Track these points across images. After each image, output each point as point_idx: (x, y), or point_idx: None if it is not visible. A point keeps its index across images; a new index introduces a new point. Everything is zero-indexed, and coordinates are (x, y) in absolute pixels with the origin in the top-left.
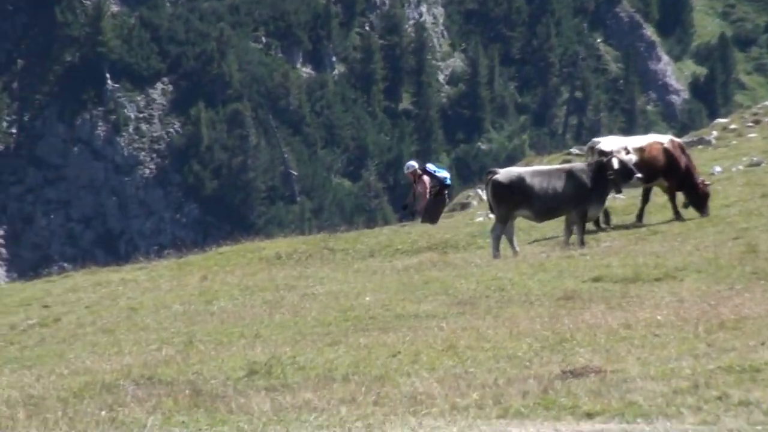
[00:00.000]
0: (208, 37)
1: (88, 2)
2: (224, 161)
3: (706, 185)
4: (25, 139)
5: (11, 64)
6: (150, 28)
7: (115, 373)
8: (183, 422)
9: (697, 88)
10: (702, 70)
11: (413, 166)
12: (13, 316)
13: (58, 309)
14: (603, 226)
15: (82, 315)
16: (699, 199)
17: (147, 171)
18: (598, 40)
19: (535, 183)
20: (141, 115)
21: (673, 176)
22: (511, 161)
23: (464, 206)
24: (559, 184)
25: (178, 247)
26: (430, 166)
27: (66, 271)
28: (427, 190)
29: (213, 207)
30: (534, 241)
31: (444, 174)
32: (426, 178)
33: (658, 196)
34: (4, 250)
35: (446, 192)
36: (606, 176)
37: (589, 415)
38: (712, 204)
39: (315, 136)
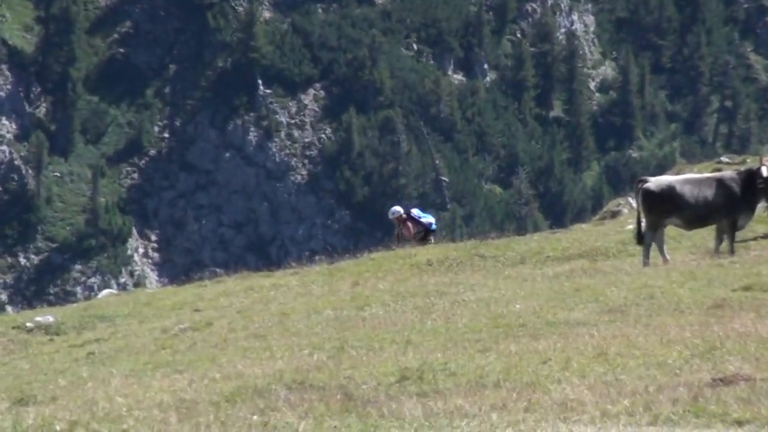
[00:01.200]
0: (360, 43)
1: (241, 8)
2: (375, 168)
3: None
4: (177, 144)
5: (163, 70)
6: (302, 34)
7: (267, 377)
8: (335, 427)
9: None
10: None
11: (398, 212)
12: (166, 320)
13: (209, 313)
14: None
15: (234, 319)
16: None
17: (299, 177)
18: (749, 49)
19: (686, 191)
20: (293, 121)
21: None
22: (661, 169)
23: (614, 214)
24: (709, 193)
25: (329, 253)
26: (414, 212)
27: (218, 275)
28: (411, 235)
29: (364, 213)
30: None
31: (429, 220)
32: (410, 223)
33: None
34: (156, 255)
35: (431, 237)
36: (756, 185)
37: (739, 423)
38: None
39: (466, 143)
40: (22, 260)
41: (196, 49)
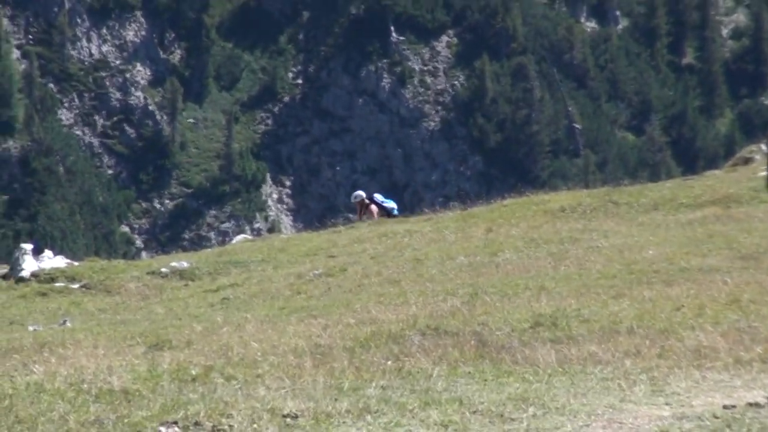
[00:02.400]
0: None
1: None
2: (508, 114)
3: None
4: (311, 90)
5: (297, 17)
6: None
7: (401, 323)
8: (468, 373)
9: None
10: None
11: (360, 196)
12: (300, 266)
13: (344, 259)
14: None
15: (368, 265)
16: None
17: (432, 124)
18: None
19: None
20: (425, 68)
21: None
22: None
23: (747, 161)
24: None
25: (462, 199)
26: (377, 197)
27: (352, 221)
28: (375, 218)
29: (497, 160)
30: None
31: (391, 205)
32: (374, 207)
33: None
34: (290, 201)
35: None
36: None
37: None
38: None
39: (599, 89)
40: (157, 206)
41: None
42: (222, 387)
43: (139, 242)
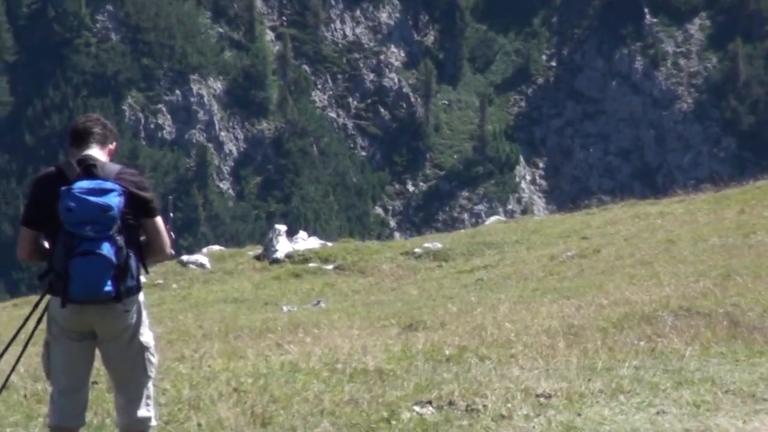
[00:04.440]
0: None
1: None
2: (761, 96)
3: None
4: (564, 72)
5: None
6: None
7: (654, 303)
8: (721, 353)
9: None
10: None
11: None
12: (553, 247)
13: (597, 241)
14: None
15: (621, 247)
16: None
17: (685, 105)
18: None
19: None
20: (679, 50)
21: None
22: None
23: None
24: None
25: (714, 181)
26: None
27: (604, 203)
28: None
29: (750, 142)
30: None
31: None
32: None
33: None
34: (544, 182)
35: None
36: None
37: None
38: None
39: None
40: (410, 187)
41: None
42: (476, 367)
43: (392, 223)
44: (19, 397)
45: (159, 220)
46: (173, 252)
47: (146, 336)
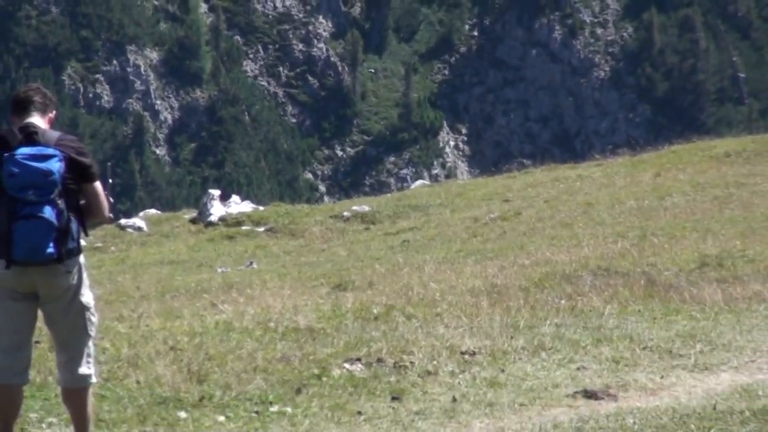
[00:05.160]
0: None
1: None
2: (675, 64)
3: None
4: (486, 42)
5: None
6: None
7: (574, 264)
8: (638, 311)
9: None
10: None
11: None
12: (476, 210)
13: (518, 203)
14: None
15: (541, 209)
16: None
17: (602, 73)
18: None
19: None
20: (596, 20)
21: None
22: None
23: None
24: None
25: (631, 146)
26: None
27: (525, 167)
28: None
29: (664, 108)
30: None
31: None
32: None
33: None
34: (467, 148)
35: None
36: None
37: None
38: None
39: (762, 40)
40: (339, 152)
41: None
42: (403, 325)
43: (321, 188)
44: None
45: (98, 184)
46: (112, 215)
47: (87, 296)
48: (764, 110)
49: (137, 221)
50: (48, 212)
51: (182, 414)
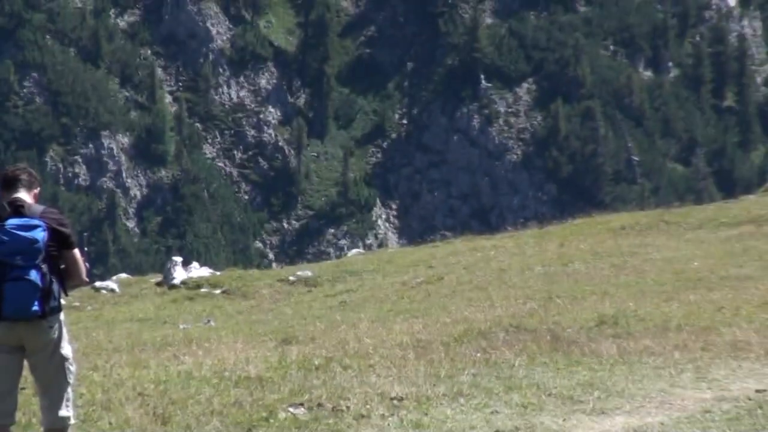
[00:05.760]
0: (566, 44)
1: (466, 15)
2: (578, 148)
3: None
4: (414, 128)
5: (402, 67)
6: (518, 36)
7: (488, 322)
8: (545, 363)
9: None
10: None
11: None
12: (404, 275)
13: (440, 269)
14: None
15: (461, 275)
16: None
17: (514, 156)
18: None
19: None
20: (509, 110)
21: None
22: None
23: None
24: None
25: (539, 220)
26: None
27: (447, 238)
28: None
29: (568, 187)
30: None
31: None
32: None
33: None
34: (396, 221)
35: None
36: None
37: None
38: None
39: (653, 128)
40: (285, 225)
41: (429, 50)
42: (340, 375)
43: (270, 255)
44: None
45: (77, 251)
46: (88, 279)
47: (66, 349)
48: (655, 189)
49: (110, 284)
50: (33, 275)
51: None
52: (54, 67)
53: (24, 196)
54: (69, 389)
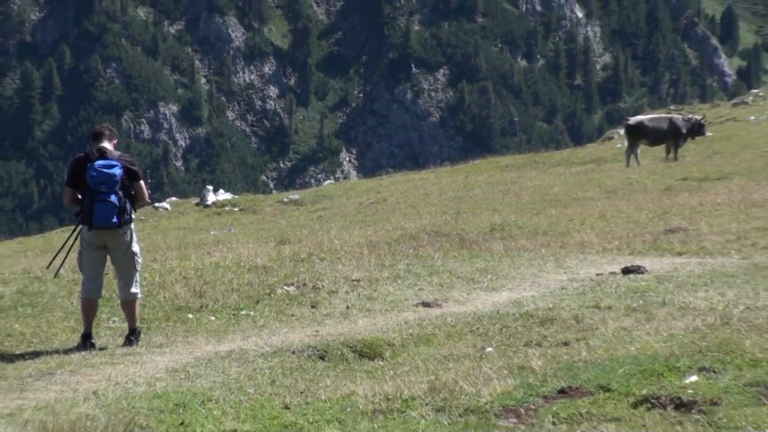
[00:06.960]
0: (469, 43)
1: (402, 24)
2: (477, 113)
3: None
4: (367, 100)
5: (360, 59)
6: (436, 38)
7: (417, 229)
8: (455, 256)
9: (741, 73)
10: (744, 63)
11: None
12: (361, 198)
13: (385, 194)
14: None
15: (399, 197)
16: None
17: (434, 119)
18: (685, 45)
19: (649, 125)
20: (431, 87)
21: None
22: (636, 113)
23: (610, 138)
24: (664, 125)
25: (451, 161)
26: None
27: (390, 174)
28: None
29: (471, 139)
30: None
31: None
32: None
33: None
34: (355, 162)
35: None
36: (694, 128)
37: (680, 254)
38: (755, 135)
39: (528, 99)
40: (281, 165)
41: (377, 47)
42: (318, 264)
43: (271, 185)
44: (64, 281)
45: (142, 182)
46: (150, 201)
47: (135, 247)
48: (528, 140)
49: (165, 204)
50: (113, 198)
51: (190, 315)
52: (127, 60)
53: (107, 145)
54: (137, 274)
